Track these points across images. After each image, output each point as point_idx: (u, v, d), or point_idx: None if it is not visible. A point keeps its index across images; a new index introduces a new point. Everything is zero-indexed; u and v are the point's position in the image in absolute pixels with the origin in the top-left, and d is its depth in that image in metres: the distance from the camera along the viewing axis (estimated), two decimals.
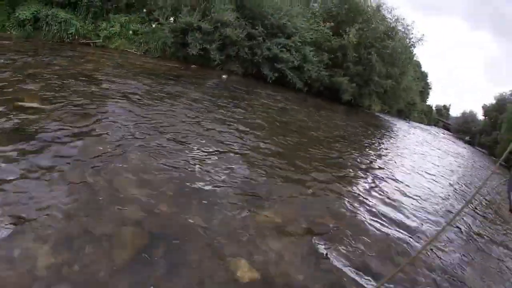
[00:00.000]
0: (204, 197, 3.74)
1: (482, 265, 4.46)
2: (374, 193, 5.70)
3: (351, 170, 6.75)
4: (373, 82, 20.00)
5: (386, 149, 11.20)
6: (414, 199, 6.21)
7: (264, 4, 15.73)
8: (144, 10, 15.20)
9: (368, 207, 4.93)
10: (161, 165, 4.14)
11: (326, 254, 3.39)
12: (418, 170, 9.25)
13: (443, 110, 64.91)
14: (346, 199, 4.99)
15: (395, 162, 9.28)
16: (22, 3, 12.68)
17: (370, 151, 9.70)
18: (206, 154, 4.92)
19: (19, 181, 3.17)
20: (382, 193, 5.86)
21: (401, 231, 4.48)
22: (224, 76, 13.97)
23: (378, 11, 20.85)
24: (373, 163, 8.18)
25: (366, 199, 5.28)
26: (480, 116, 47.23)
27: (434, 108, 55.18)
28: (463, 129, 48.07)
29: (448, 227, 4.92)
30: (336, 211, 4.45)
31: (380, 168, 7.85)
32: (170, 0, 14.79)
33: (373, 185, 6.22)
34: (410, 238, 4.32)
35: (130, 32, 14.72)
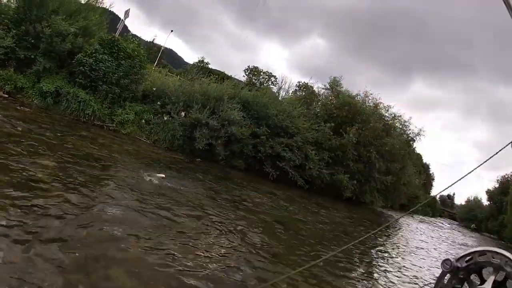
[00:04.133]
0: None
1: None
2: None
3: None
4: (374, 178, 20.32)
5: (386, 256, 10.78)
6: None
7: (269, 106, 16.94)
8: (158, 103, 16.28)
9: None
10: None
11: None
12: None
13: (448, 200, 64.24)
14: None
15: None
16: (47, 76, 13.84)
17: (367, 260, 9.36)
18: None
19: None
20: None
21: None
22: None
23: (375, 110, 22.13)
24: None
25: None
26: (485, 201, 46.39)
27: (438, 199, 54.67)
28: (469, 217, 46.91)
29: None
30: None
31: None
32: (183, 97, 16.02)
33: None
34: None
35: (143, 121, 15.65)
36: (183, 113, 16.05)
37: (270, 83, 30.54)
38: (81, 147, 9.09)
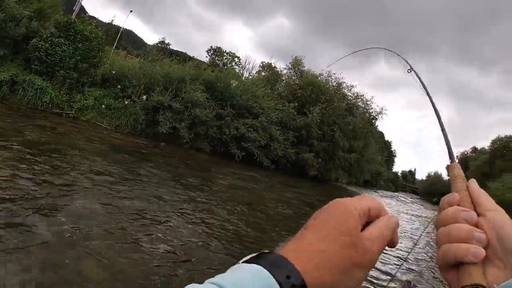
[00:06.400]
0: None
1: None
2: None
3: None
4: (338, 156, 21.04)
5: None
6: None
7: (233, 86, 16.89)
8: (119, 86, 15.74)
9: None
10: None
11: None
12: None
13: (409, 176, 67.84)
14: None
15: None
16: (2, 63, 13.07)
17: None
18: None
19: None
20: None
21: None
22: None
23: (338, 90, 22.68)
24: None
25: None
26: (446, 176, 49.46)
27: (400, 175, 57.65)
28: (431, 191, 49.76)
29: None
30: None
31: None
32: (144, 80, 15.60)
33: None
34: None
35: (103, 106, 15.10)
36: (144, 96, 15.64)
37: (233, 64, 30.30)
38: (41, 138, 8.73)
